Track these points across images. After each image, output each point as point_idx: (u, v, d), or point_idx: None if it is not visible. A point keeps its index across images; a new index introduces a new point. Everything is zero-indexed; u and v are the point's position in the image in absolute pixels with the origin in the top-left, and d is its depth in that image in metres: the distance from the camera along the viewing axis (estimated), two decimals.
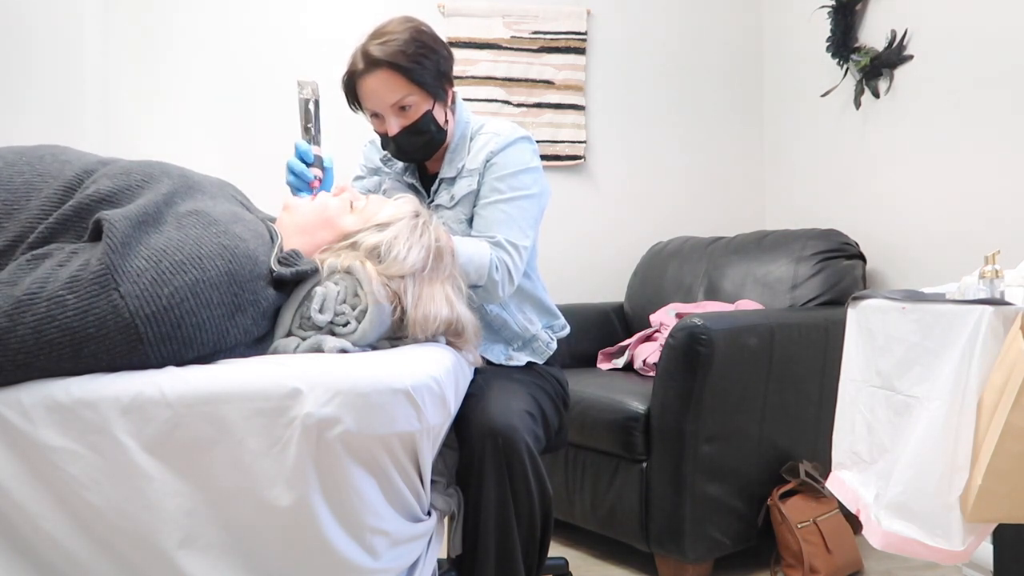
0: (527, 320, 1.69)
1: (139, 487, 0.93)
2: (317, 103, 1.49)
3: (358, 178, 1.78)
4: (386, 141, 1.59)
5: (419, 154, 1.60)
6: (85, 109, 2.62)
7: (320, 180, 1.48)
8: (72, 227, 1.03)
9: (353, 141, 1.95)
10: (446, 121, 1.60)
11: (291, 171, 1.47)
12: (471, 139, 1.64)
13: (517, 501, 1.37)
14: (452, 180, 1.62)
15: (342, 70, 1.57)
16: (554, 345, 1.73)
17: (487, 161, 1.59)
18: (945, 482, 1.17)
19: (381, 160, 1.73)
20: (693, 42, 3.27)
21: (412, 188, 1.69)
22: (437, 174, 1.66)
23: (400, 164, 1.69)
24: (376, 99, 1.53)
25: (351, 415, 0.94)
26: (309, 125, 1.49)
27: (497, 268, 1.50)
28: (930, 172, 2.51)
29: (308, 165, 1.48)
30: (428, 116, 1.54)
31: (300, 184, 1.47)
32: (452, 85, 1.61)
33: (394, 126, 1.53)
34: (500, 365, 1.65)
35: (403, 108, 1.52)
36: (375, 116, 1.56)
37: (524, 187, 1.59)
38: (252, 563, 0.96)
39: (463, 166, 1.61)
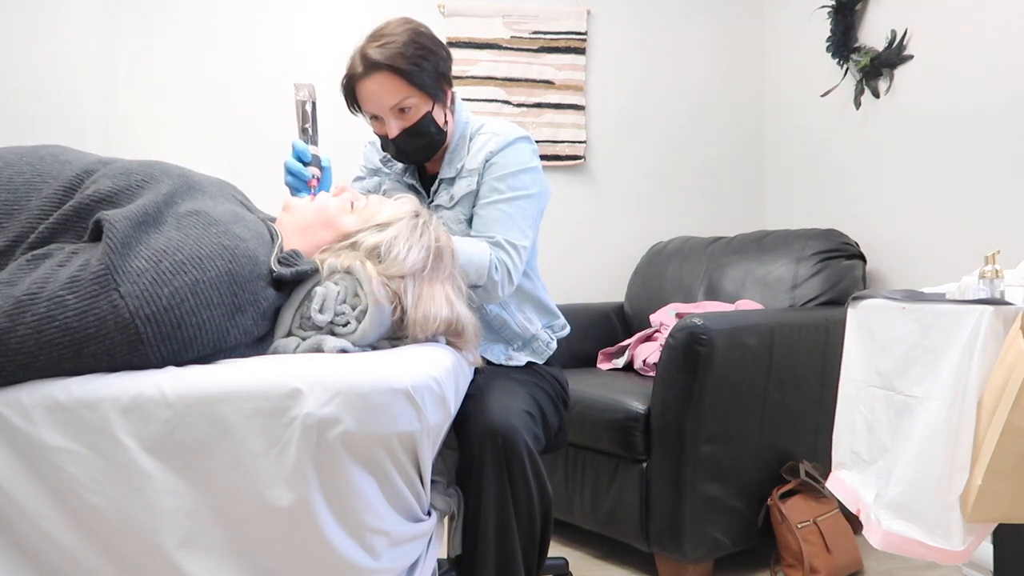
0: (527, 320, 1.69)
1: (139, 487, 0.93)
2: (314, 104, 1.49)
3: (358, 179, 1.78)
4: (386, 143, 1.59)
5: (419, 155, 1.60)
6: (85, 109, 2.62)
7: (318, 179, 1.48)
8: (72, 227, 1.03)
9: (353, 142, 1.95)
10: (445, 122, 1.60)
11: (289, 171, 1.47)
12: (470, 139, 1.64)
13: (517, 501, 1.37)
14: (452, 180, 1.62)
15: (342, 71, 1.57)
16: (554, 345, 1.73)
17: (486, 161, 1.59)
18: (945, 482, 1.17)
19: (381, 161, 1.73)
20: (693, 42, 3.27)
21: (412, 188, 1.69)
22: (437, 174, 1.65)
23: (400, 165, 1.69)
24: (375, 102, 1.52)
25: (351, 415, 0.94)
26: (306, 126, 1.49)
27: (496, 268, 1.50)
28: (930, 172, 2.51)
29: (306, 164, 1.48)
30: (428, 118, 1.54)
31: (298, 184, 1.47)
32: (451, 86, 1.60)
33: (394, 128, 1.53)
34: (500, 365, 1.65)
35: (402, 110, 1.52)
36: (375, 119, 1.56)
37: (523, 187, 1.59)
38: (252, 563, 0.96)
39: (462, 166, 1.61)
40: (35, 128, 2.32)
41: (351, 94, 1.56)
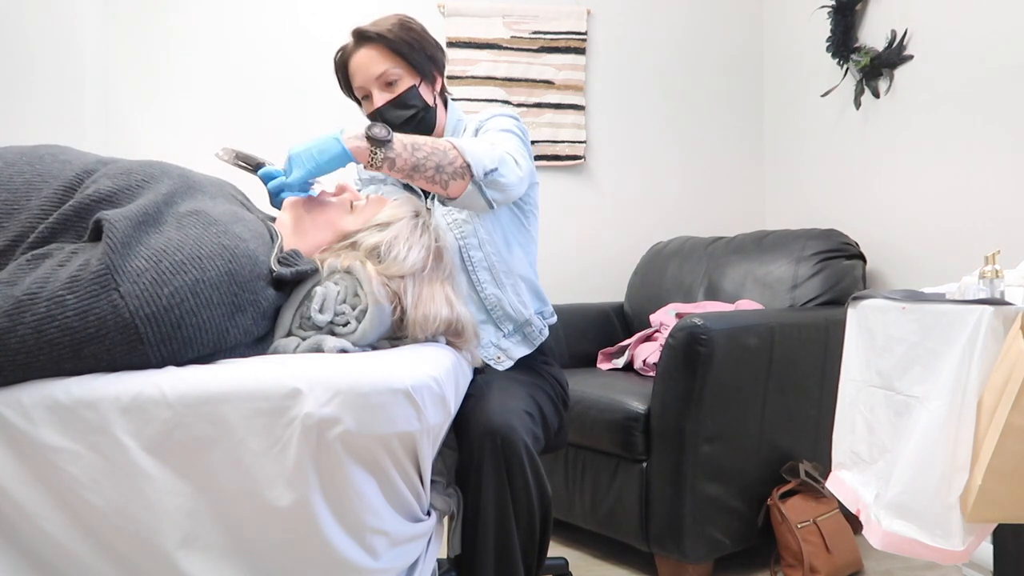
0: (521, 303, 1.67)
1: (139, 487, 0.93)
2: (238, 152, 1.51)
3: None
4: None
5: (405, 130, 1.60)
6: (85, 109, 2.62)
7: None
8: (72, 227, 1.03)
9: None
10: (435, 103, 1.63)
11: (274, 192, 1.48)
12: (464, 131, 1.68)
13: (516, 501, 1.37)
14: None
15: None
16: (546, 332, 1.72)
17: (476, 130, 1.64)
18: (945, 482, 1.17)
19: None
20: (693, 42, 3.27)
21: (410, 190, 1.69)
22: None
23: None
24: (364, 73, 1.56)
25: (351, 415, 0.95)
26: (251, 163, 1.50)
27: (504, 161, 1.45)
28: (930, 172, 2.51)
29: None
30: (414, 90, 1.57)
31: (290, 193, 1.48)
32: (441, 75, 1.65)
33: (379, 99, 1.57)
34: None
35: (389, 84, 1.56)
36: (366, 99, 1.59)
37: (512, 131, 1.61)
38: (252, 563, 0.96)
39: None
40: (35, 128, 2.32)
41: (343, 74, 1.60)
